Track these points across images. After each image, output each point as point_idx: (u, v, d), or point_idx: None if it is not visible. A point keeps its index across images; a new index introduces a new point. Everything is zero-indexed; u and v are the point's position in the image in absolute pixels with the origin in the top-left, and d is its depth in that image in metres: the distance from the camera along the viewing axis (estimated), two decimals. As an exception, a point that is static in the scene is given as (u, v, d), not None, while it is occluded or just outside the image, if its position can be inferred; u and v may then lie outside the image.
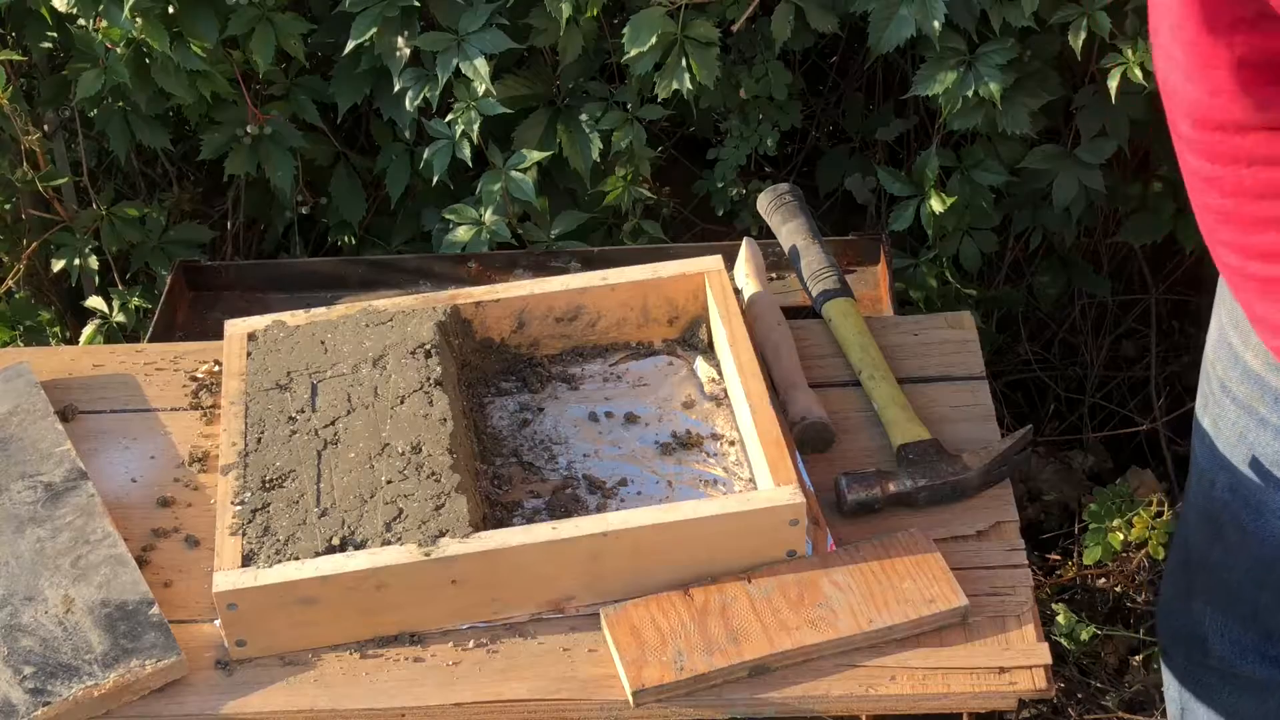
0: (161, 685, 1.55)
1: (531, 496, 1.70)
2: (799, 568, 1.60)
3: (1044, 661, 1.52)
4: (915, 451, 1.70)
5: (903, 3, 2.27)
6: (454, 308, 1.81)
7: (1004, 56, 2.28)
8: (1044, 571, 2.71)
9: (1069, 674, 2.60)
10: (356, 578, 1.53)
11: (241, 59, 2.46)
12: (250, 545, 1.57)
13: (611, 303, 1.85)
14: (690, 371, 1.84)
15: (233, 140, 2.48)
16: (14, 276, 2.62)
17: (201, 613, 1.62)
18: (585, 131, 2.44)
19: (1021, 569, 1.62)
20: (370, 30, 2.35)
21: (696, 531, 1.57)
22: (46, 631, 1.57)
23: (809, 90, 2.81)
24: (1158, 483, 2.80)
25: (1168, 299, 2.87)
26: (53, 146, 2.63)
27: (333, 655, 1.57)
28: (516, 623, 1.59)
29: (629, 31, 2.30)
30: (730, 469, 1.71)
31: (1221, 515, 1.74)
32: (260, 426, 1.69)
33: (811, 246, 1.98)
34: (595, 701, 1.52)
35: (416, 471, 1.62)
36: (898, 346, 1.88)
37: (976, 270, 2.55)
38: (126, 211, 2.57)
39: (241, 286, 2.38)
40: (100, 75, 2.36)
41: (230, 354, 1.79)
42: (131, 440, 1.82)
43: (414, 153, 2.53)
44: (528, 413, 1.80)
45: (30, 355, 1.96)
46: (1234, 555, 1.75)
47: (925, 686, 1.51)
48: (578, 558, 1.56)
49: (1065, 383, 2.92)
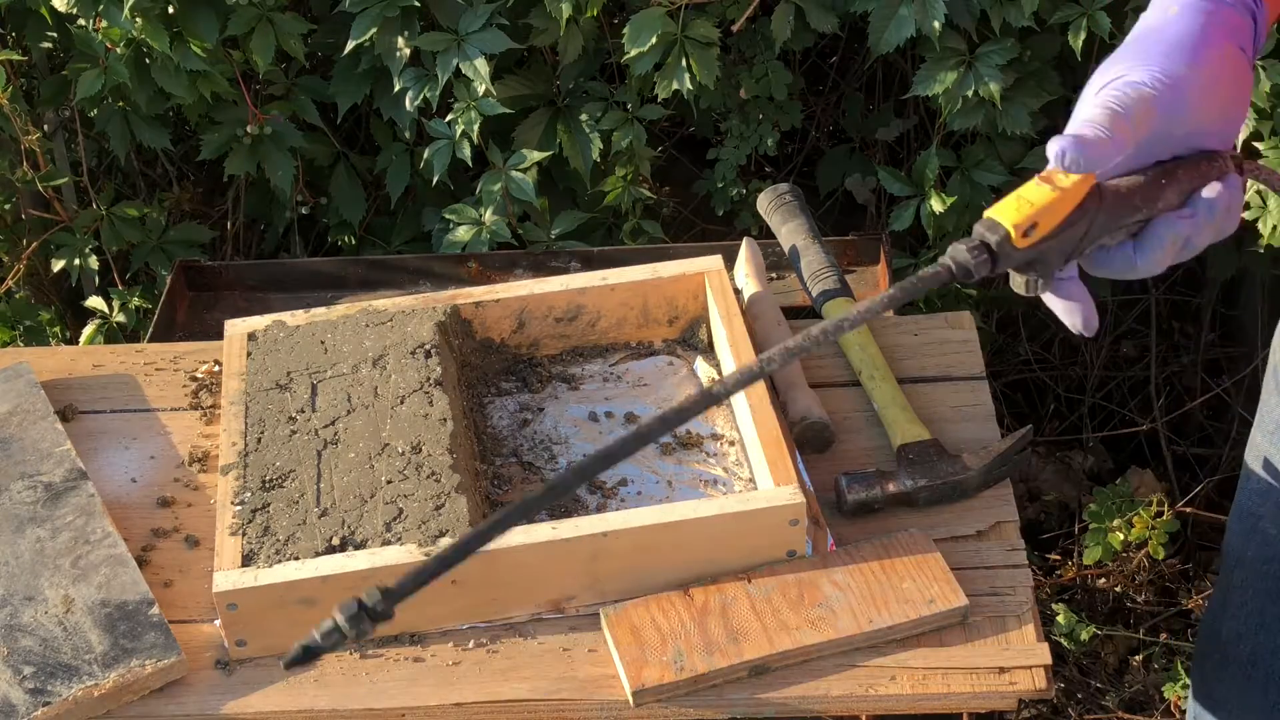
0: (161, 685, 1.55)
1: (531, 496, 1.69)
2: (799, 568, 1.60)
3: (1044, 661, 1.52)
4: (915, 451, 1.70)
5: (903, 3, 2.27)
6: (454, 308, 1.81)
7: (1004, 56, 2.28)
8: (1044, 571, 2.71)
9: (1069, 674, 2.60)
10: (356, 578, 1.53)
11: (241, 59, 2.46)
12: (250, 545, 1.57)
13: (611, 303, 1.85)
14: (690, 371, 1.84)
15: (233, 140, 2.48)
16: (14, 276, 2.62)
17: (201, 613, 1.62)
18: (585, 131, 2.44)
19: (1021, 569, 1.62)
20: (370, 30, 2.35)
21: (696, 531, 1.57)
22: (46, 631, 1.57)
23: (809, 90, 2.81)
24: (1158, 483, 2.80)
25: (1168, 299, 2.87)
26: (53, 146, 2.63)
27: (333, 655, 1.57)
28: (516, 623, 1.59)
29: (629, 31, 2.31)
30: (730, 469, 1.71)
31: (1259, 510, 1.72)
32: (260, 426, 1.69)
33: (811, 246, 1.98)
34: (595, 701, 1.52)
35: (416, 471, 1.62)
36: (898, 346, 1.88)
37: (977, 270, 2.54)
38: (126, 211, 2.57)
39: (241, 286, 2.38)
40: (100, 75, 2.36)
41: (230, 354, 1.79)
42: (131, 440, 1.82)
43: (414, 153, 2.53)
44: (528, 413, 1.80)
45: (30, 355, 1.96)
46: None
47: (925, 686, 1.51)
48: (578, 558, 1.56)
49: (1065, 383, 2.92)
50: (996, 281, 2.72)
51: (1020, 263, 1.19)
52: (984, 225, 1.19)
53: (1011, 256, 1.19)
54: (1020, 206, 1.19)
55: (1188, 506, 2.66)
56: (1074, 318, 1.24)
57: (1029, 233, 1.18)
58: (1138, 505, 2.43)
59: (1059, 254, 1.21)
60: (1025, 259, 1.19)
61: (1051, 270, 1.21)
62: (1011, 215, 1.19)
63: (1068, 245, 1.20)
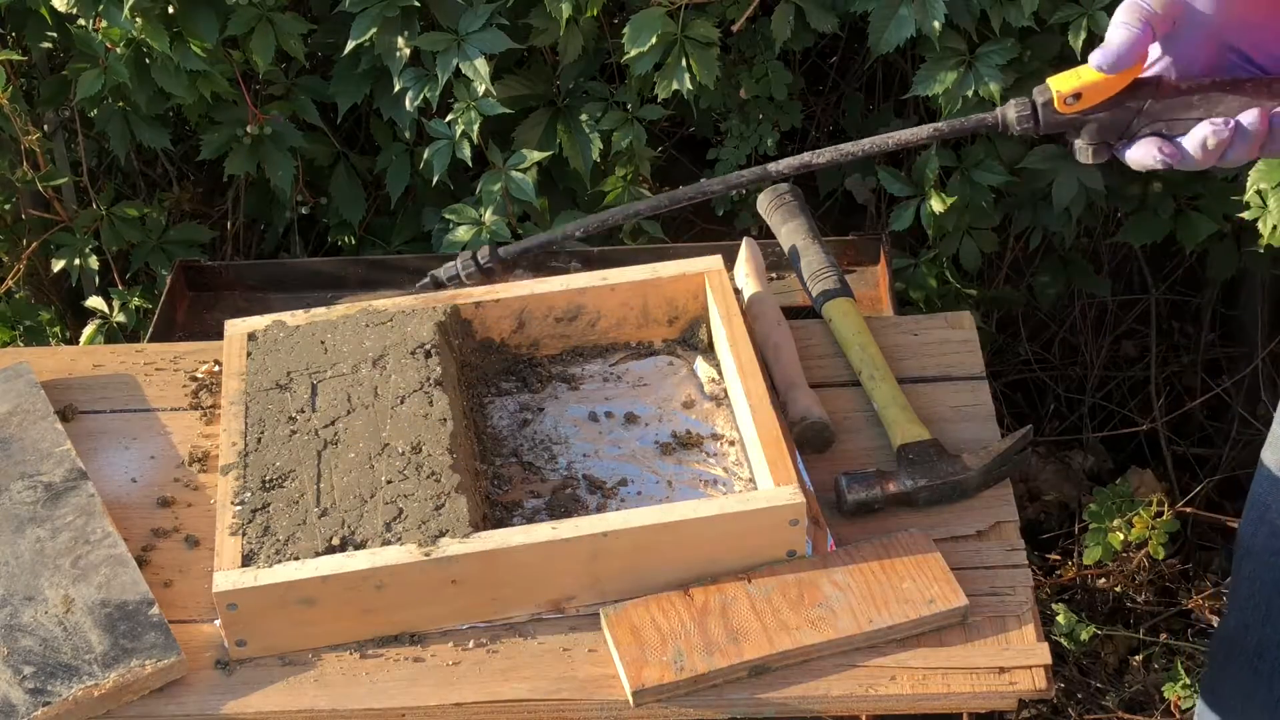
0: (161, 685, 1.55)
1: (531, 496, 1.70)
2: (799, 568, 1.60)
3: (1044, 661, 1.52)
4: (915, 451, 1.70)
5: (903, 3, 2.27)
6: (454, 308, 1.81)
7: (1004, 56, 2.28)
8: (1044, 571, 2.71)
9: (1069, 674, 2.60)
10: (356, 578, 1.53)
11: (241, 59, 2.46)
12: (250, 545, 1.57)
13: (611, 303, 1.85)
14: (690, 371, 1.84)
15: (233, 140, 2.48)
16: (14, 276, 2.62)
17: (201, 613, 1.62)
18: (585, 131, 2.44)
19: (1021, 569, 1.62)
20: (370, 30, 2.35)
21: (696, 531, 1.57)
22: (46, 631, 1.57)
23: (809, 90, 2.81)
24: (1158, 483, 2.81)
25: (1168, 299, 2.87)
26: (53, 146, 2.63)
27: (333, 655, 1.57)
28: (516, 623, 1.59)
29: (629, 31, 2.31)
30: (730, 469, 1.71)
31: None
32: (260, 426, 1.69)
33: (811, 246, 1.98)
34: (595, 701, 1.52)
35: (416, 471, 1.62)
36: (898, 346, 1.88)
37: (976, 270, 2.55)
38: (126, 211, 2.57)
39: (241, 286, 2.38)
40: (100, 75, 2.36)
41: (230, 354, 1.79)
42: (131, 440, 1.82)
43: (414, 153, 2.53)
44: (528, 413, 1.80)
45: (30, 355, 1.96)
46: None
47: (925, 686, 1.51)
48: (578, 558, 1.56)
49: (1065, 383, 2.92)
50: (997, 281, 2.72)
51: (1062, 126, 1.42)
52: (1036, 89, 1.42)
53: (1054, 119, 1.42)
54: (1070, 79, 1.41)
55: (1188, 506, 2.66)
56: (1150, 156, 1.43)
57: (1070, 101, 1.40)
58: (1138, 505, 2.43)
59: (1112, 128, 1.42)
60: (1068, 123, 1.41)
61: (1106, 141, 1.43)
62: (1060, 84, 1.41)
63: (1119, 122, 1.41)
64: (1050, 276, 2.71)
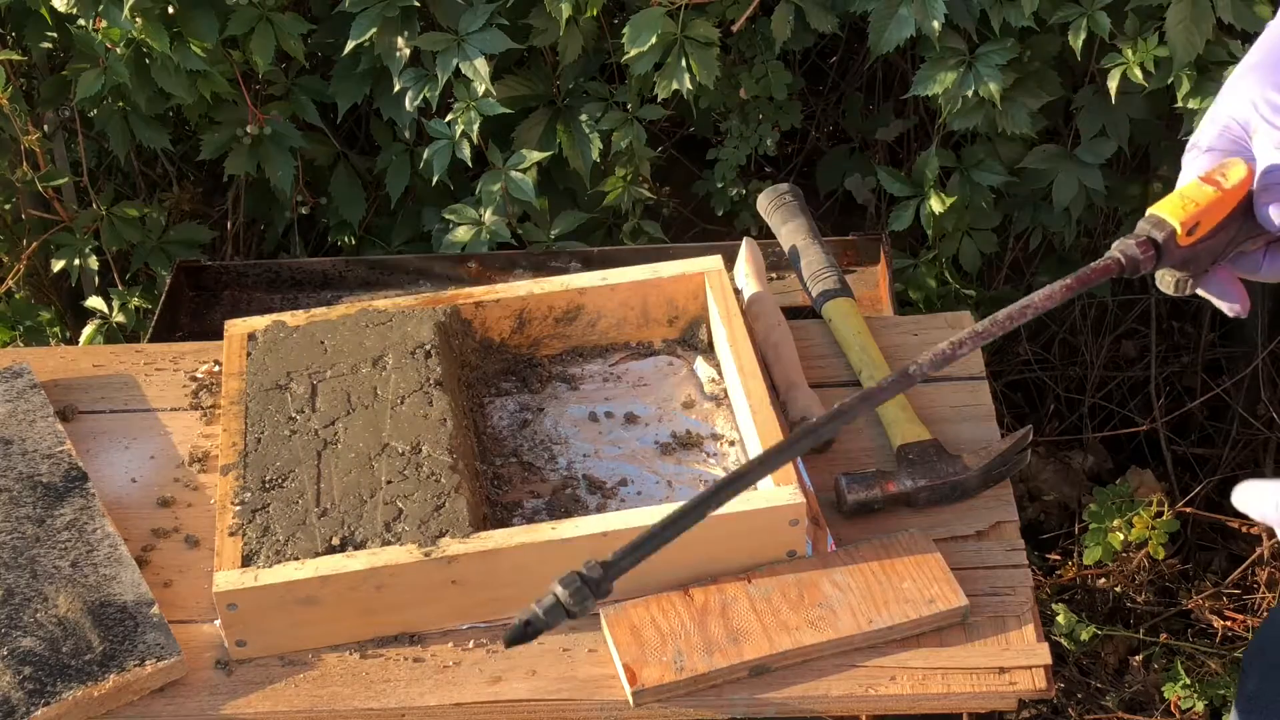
0: (161, 685, 1.55)
1: (531, 496, 1.70)
2: (799, 568, 1.60)
3: (1044, 662, 1.52)
4: (915, 451, 1.70)
5: (903, 3, 2.27)
6: (454, 308, 1.81)
7: (1004, 56, 2.28)
8: (1044, 571, 2.71)
9: (1069, 674, 2.60)
10: (356, 578, 1.54)
11: (241, 59, 2.46)
12: (250, 545, 1.57)
13: (611, 303, 1.85)
14: (690, 371, 1.84)
15: (233, 140, 2.48)
16: (14, 276, 2.62)
17: (201, 613, 1.62)
18: (585, 131, 2.44)
19: (1021, 569, 1.62)
20: (370, 30, 2.35)
21: (696, 531, 1.56)
22: (46, 631, 1.57)
23: (809, 90, 2.81)
24: (1158, 483, 2.80)
25: (1168, 299, 2.87)
26: (53, 146, 2.63)
27: (333, 655, 1.57)
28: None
29: (629, 31, 2.31)
30: (730, 469, 1.71)
31: None
32: (260, 426, 1.69)
33: (811, 246, 1.98)
34: (595, 701, 1.52)
35: (416, 472, 1.62)
36: (898, 346, 1.88)
37: (976, 270, 2.55)
38: (126, 211, 2.57)
39: (241, 286, 2.38)
40: (100, 75, 2.36)
41: (230, 354, 1.79)
42: (131, 440, 1.82)
43: (414, 153, 2.53)
44: (528, 413, 1.80)
45: (30, 355, 1.96)
46: None
47: (925, 686, 1.51)
48: (578, 558, 1.56)
49: (1065, 383, 2.92)
50: (996, 281, 2.72)
51: (1181, 261, 1.22)
52: (1149, 222, 1.21)
53: (1174, 254, 1.22)
54: (1185, 205, 1.22)
55: (1188, 506, 2.66)
56: (1230, 306, 1.27)
57: (1192, 231, 1.21)
58: (1138, 505, 2.43)
59: (1209, 255, 1.24)
60: (1185, 257, 1.22)
61: (1202, 270, 1.25)
62: (1179, 213, 1.21)
63: (1218, 247, 1.24)
64: (1050, 277, 2.71)
